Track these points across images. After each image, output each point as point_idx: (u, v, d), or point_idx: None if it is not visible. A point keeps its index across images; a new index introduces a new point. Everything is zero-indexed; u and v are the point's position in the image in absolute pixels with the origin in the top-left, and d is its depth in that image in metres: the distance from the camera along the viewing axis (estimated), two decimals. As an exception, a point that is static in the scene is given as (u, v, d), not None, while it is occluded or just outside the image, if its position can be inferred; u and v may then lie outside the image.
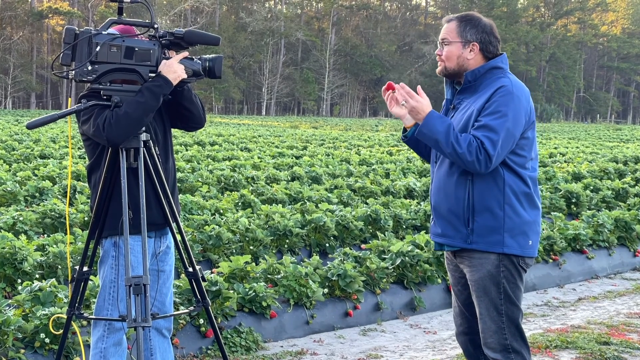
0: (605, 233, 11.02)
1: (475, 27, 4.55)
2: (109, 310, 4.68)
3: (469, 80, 4.55)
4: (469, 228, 4.47)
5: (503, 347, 4.53)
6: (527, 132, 4.47)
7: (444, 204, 4.56)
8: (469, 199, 4.46)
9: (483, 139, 4.29)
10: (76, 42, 4.31)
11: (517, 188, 4.45)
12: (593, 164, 22.46)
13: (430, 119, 4.42)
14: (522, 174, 4.47)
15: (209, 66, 4.58)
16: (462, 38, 4.54)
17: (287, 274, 7.60)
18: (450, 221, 4.55)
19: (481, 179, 4.43)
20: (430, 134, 4.40)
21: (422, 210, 11.85)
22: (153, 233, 4.74)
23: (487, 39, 4.56)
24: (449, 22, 4.63)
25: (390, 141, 36.14)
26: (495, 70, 4.54)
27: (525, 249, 4.49)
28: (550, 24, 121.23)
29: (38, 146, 23.34)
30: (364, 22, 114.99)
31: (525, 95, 4.47)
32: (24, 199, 12.44)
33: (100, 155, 4.68)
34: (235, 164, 18.86)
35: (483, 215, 4.44)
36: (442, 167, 4.59)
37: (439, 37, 4.65)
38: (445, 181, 4.56)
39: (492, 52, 4.58)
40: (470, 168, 4.34)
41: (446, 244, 4.64)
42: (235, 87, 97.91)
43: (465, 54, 4.55)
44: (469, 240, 4.49)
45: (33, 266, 7.59)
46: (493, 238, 4.44)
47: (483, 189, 4.44)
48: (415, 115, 4.49)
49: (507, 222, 4.43)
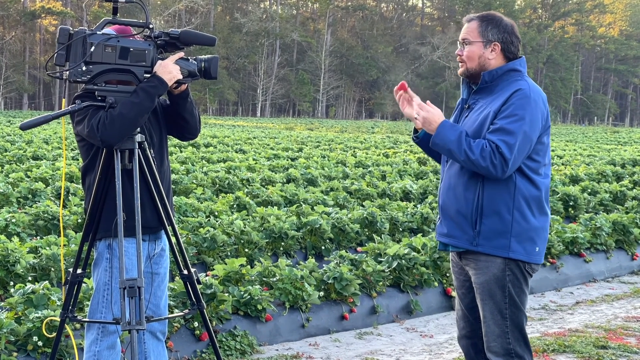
0: (603, 236, 10.98)
1: (497, 27, 4.51)
2: (102, 313, 4.65)
3: (486, 81, 4.51)
4: (476, 230, 4.44)
5: (506, 351, 4.49)
6: (543, 137, 4.44)
7: (452, 204, 4.53)
8: (478, 201, 4.42)
9: (499, 142, 4.26)
10: (70, 42, 4.27)
11: (528, 193, 4.42)
12: (591, 166, 22.46)
13: (442, 129, 4.39)
14: (534, 180, 4.43)
15: (204, 67, 4.54)
16: (484, 38, 4.51)
17: (282, 276, 7.55)
18: (457, 222, 4.51)
19: (492, 182, 4.40)
20: (442, 143, 4.39)
21: (419, 212, 11.81)
22: (147, 236, 4.70)
23: (508, 39, 4.53)
24: (469, 22, 4.58)
25: (386, 143, 36.13)
26: (513, 73, 4.51)
27: (531, 255, 4.46)
28: (547, 26, 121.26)
29: (31, 147, 23.32)
30: (360, 23, 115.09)
31: (543, 99, 4.43)
32: (17, 201, 12.39)
33: (95, 157, 4.63)
34: (230, 165, 18.82)
35: (491, 218, 4.41)
36: (453, 167, 4.56)
37: (460, 37, 4.60)
38: (455, 181, 4.53)
39: (513, 53, 4.55)
40: (487, 173, 4.31)
41: (451, 245, 4.60)
42: (229, 88, 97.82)
43: (486, 54, 4.51)
44: (475, 243, 4.46)
45: (26, 268, 7.55)
46: (499, 242, 4.41)
47: (493, 192, 4.40)
48: (428, 126, 4.46)
49: (515, 227, 4.40)
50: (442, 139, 4.38)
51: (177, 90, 4.61)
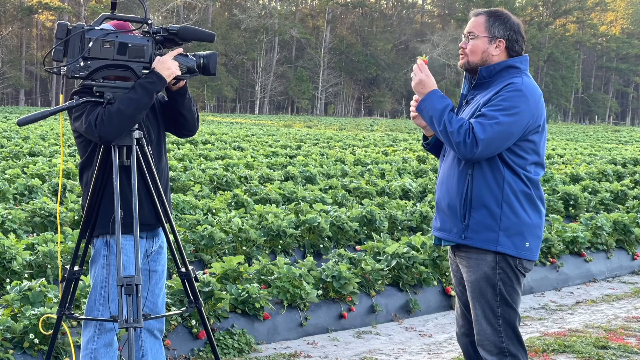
0: (603, 236, 10.93)
1: (504, 24, 4.50)
2: (99, 310, 4.64)
3: (484, 76, 4.51)
4: (464, 223, 4.45)
5: (499, 350, 4.48)
6: (532, 135, 4.40)
7: (444, 197, 4.55)
8: (467, 194, 4.43)
9: (475, 124, 4.29)
10: (68, 37, 4.26)
11: (517, 188, 4.40)
12: (591, 165, 22.41)
13: (432, 95, 4.47)
14: (523, 176, 4.42)
15: (203, 63, 4.52)
16: (489, 33, 4.50)
17: (280, 275, 7.51)
18: (449, 215, 4.52)
19: (481, 174, 4.40)
20: (427, 109, 4.45)
21: (418, 211, 11.78)
22: (145, 233, 4.68)
23: (514, 37, 4.52)
24: (476, 16, 4.57)
25: (385, 141, 36.10)
26: (511, 70, 4.49)
27: (520, 251, 4.43)
28: (548, 24, 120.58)
29: (27, 144, 23.27)
30: (360, 20, 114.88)
31: (535, 97, 4.40)
32: (13, 197, 12.37)
33: (92, 153, 4.62)
34: (228, 163, 18.78)
35: (479, 211, 4.40)
36: (447, 161, 4.58)
37: (465, 30, 4.59)
38: (447, 175, 4.54)
39: (517, 51, 4.54)
40: (457, 150, 4.32)
41: (443, 239, 4.61)
42: (228, 85, 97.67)
43: (490, 49, 4.50)
44: (464, 236, 4.46)
45: (22, 265, 7.54)
46: (487, 235, 4.40)
47: (482, 184, 4.40)
48: (421, 89, 4.49)
49: (504, 221, 4.39)
50: (429, 104, 4.44)
51: (175, 87, 4.60)
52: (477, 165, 4.40)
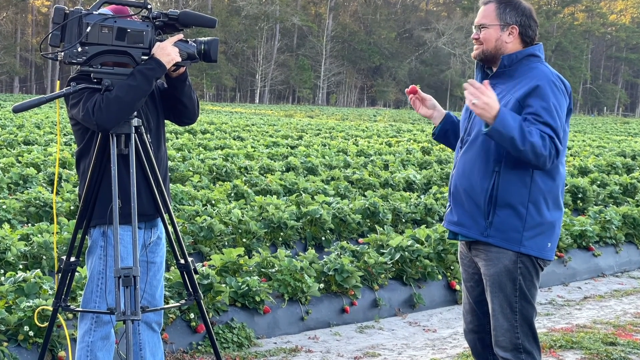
0: (612, 230, 10.79)
1: (515, 10, 4.38)
2: (96, 302, 4.59)
3: (505, 65, 4.37)
4: (488, 221, 4.32)
5: (514, 346, 4.40)
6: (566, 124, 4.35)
7: (465, 191, 4.38)
8: (492, 191, 4.28)
9: (551, 133, 4.11)
10: (66, 22, 4.17)
11: (545, 187, 4.29)
12: (600, 158, 22.33)
13: (503, 115, 4.09)
14: (552, 172, 4.29)
15: (204, 49, 4.42)
16: (501, 20, 4.37)
17: (281, 268, 7.41)
18: (469, 211, 4.38)
19: (509, 172, 4.26)
20: (505, 130, 4.07)
21: (422, 203, 11.67)
22: (143, 224, 4.61)
23: (526, 23, 4.39)
24: (486, 5, 4.44)
25: (389, 132, 36.04)
26: (532, 58, 4.38)
27: (543, 251, 4.34)
28: (556, 12, 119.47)
29: (22, 132, 23.25)
30: (363, 7, 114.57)
31: (566, 85, 4.34)
32: (7, 187, 12.25)
33: (90, 141, 4.55)
34: (227, 153, 18.72)
35: (505, 210, 4.28)
36: (469, 153, 4.40)
37: (475, 21, 4.45)
38: (470, 168, 4.36)
39: (531, 37, 4.42)
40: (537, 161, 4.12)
41: (461, 234, 4.47)
42: (227, 73, 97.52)
43: (503, 37, 4.37)
44: (486, 234, 4.33)
45: (17, 256, 7.46)
46: (511, 235, 4.29)
47: (509, 183, 4.26)
48: (488, 113, 4.11)
49: (529, 221, 4.28)
50: (505, 125, 4.06)
51: (175, 73, 4.51)
52: (505, 162, 4.25)
